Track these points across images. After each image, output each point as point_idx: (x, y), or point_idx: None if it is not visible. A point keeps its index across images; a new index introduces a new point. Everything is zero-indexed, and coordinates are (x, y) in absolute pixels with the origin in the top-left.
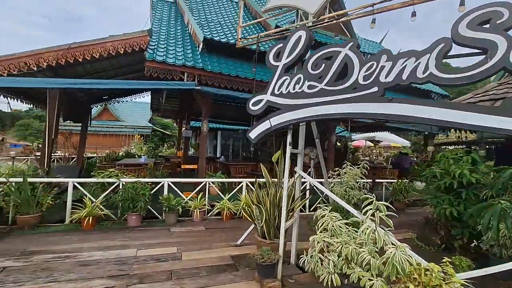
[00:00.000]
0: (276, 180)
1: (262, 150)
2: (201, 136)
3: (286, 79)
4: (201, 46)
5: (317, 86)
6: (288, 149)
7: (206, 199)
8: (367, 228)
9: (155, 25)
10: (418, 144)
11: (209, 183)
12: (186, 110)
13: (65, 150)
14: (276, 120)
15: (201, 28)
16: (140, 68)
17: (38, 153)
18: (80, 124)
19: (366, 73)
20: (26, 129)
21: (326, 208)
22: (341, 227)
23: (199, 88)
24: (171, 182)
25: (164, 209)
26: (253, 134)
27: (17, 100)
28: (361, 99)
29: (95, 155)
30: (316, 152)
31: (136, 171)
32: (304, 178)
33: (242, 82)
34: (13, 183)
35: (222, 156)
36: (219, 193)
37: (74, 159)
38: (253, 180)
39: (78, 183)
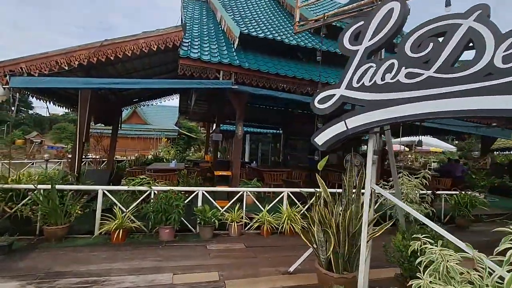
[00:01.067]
0: (333, 194)
1: (292, 155)
2: (235, 139)
3: (370, 66)
4: (236, 42)
5: (422, 74)
6: (370, 158)
7: (244, 211)
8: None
9: (187, 23)
10: (465, 150)
11: (246, 193)
12: (215, 112)
13: (96, 153)
14: (355, 121)
15: (236, 23)
16: (172, 68)
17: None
18: (111, 127)
19: (508, 52)
20: (62, 132)
21: (431, 241)
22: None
23: (236, 87)
24: (206, 191)
25: (198, 221)
26: (321, 139)
27: (50, 102)
28: (501, 90)
29: (124, 158)
30: (360, 159)
31: (167, 177)
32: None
33: (281, 81)
34: (42, 190)
35: (254, 161)
36: (257, 203)
37: (105, 163)
38: (295, 190)
39: (108, 190)
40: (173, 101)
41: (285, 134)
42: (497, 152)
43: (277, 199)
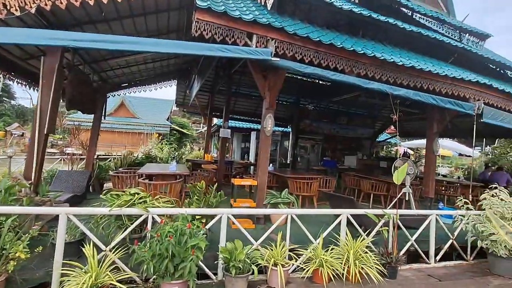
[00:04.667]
0: None
1: (301, 156)
2: (263, 137)
3: None
4: (270, 1)
5: None
6: None
7: (287, 244)
8: None
9: None
10: (496, 156)
11: (291, 216)
12: (220, 104)
13: (73, 148)
14: None
15: None
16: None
17: (51, 150)
18: (92, 117)
19: None
20: None
21: None
22: None
23: (277, 60)
24: (232, 215)
25: (224, 266)
26: None
27: (4, 78)
28: None
29: (109, 155)
30: (412, 165)
31: (167, 187)
32: None
33: (334, 56)
34: None
35: (271, 164)
36: (304, 230)
37: (83, 161)
38: (357, 211)
39: (75, 215)
40: (165, 94)
41: (295, 132)
42: None
43: (333, 225)
